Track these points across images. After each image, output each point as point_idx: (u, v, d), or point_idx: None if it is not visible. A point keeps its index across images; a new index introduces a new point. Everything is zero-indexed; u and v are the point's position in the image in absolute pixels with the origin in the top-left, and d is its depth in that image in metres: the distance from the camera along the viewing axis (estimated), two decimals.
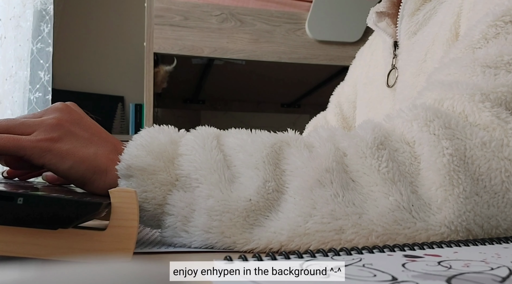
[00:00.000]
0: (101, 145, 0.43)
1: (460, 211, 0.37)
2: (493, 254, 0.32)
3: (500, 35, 0.45)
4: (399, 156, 0.40)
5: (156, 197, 0.40)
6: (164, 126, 0.44)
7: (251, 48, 1.52)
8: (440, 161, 0.38)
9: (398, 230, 0.37)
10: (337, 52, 1.56)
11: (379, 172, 0.38)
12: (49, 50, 1.64)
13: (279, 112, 2.55)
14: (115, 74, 2.48)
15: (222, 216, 0.38)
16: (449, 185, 0.38)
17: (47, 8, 1.65)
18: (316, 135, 0.42)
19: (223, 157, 0.40)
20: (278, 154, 0.41)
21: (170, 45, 1.47)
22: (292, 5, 1.59)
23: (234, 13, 1.52)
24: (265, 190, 0.39)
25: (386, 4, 0.72)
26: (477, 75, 0.43)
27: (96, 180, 0.42)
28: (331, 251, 0.32)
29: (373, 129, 0.41)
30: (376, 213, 0.37)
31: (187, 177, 0.40)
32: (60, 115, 0.44)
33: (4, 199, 0.30)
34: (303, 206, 0.38)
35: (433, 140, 0.39)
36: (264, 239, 0.38)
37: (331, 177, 0.38)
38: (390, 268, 0.27)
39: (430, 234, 0.37)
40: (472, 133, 0.39)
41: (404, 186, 0.38)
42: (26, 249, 0.32)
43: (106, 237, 0.33)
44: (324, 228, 0.37)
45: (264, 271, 0.27)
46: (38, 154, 0.41)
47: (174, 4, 1.49)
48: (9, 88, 1.51)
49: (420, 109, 0.41)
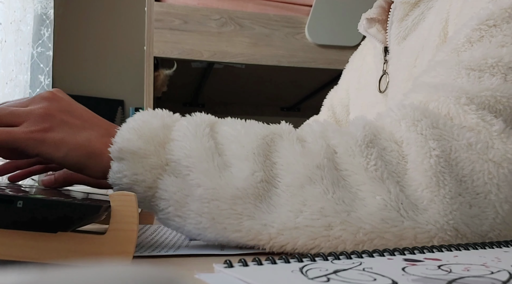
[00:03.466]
0: (94, 130, 0.44)
1: (446, 210, 0.38)
2: (493, 258, 0.32)
3: (484, 38, 0.45)
4: (386, 154, 0.40)
5: (146, 180, 0.40)
6: (159, 110, 0.44)
7: (251, 52, 1.52)
8: (427, 162, 0.39)
9: (386, 228, 0.38)
10: (336, 56, 1.57)
11: (367, 170, 0.39)
12: (49, 54, 1.64)
13: (278, 116, 2.55)
14: (115, 78, 2.48)
15: (210, 203, 0.39)
16: (435, 186, 0.38)
17: (47, 12, 1.65)
18: (309, 129, 0.43)
19: (215, 145, 0.41)
20: (270, 146, 0.41)
21: (169, 49, 1.47)
22: (291, 9, 1.59)
23: (233, 17, 1.53)
24: (253, 179, 0.39)
25: (376, 10, 0.73)
26: (462, 78, 0.44)
27: (92, 164, 0.43)
28: (331, 255, 0.32)
29: (364, 127, 0.42)
30: (364, 212, 0.38)
31: (177, 162, 0.40)
32: (49, 104, 0.44)
33: (4, 202, 0.30)
34: (294, 202, 0.39)
35: (420, 140, 0.40)
36: (254, 230, 0.39)
37: (322, 173, 0.39)
38: (390, 272, 0.27)
39: (417, 232, 0.38)
40: (459, 134, 0.40)
41: (392, 184, 0.39)
42: (26, 253, 0.32)
43: (106, 240, 0.33)
44: (313, 223, 0.38)
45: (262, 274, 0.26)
46: (32, 145, 0.41)
47: (174, 8, 1.49)
48: (9, 92, 1.51)
49: (408, 109, 0.42)
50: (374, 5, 0.74)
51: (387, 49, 0.70)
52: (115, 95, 2.46)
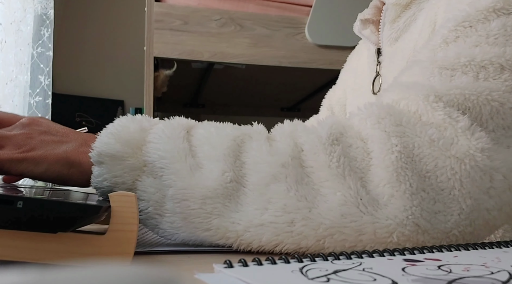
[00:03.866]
0: (71, 142, 0.46)
1: (406, 206, 0.39)
2: (493, 258, 0.32)
3: (459, 38, 0.46)
4: (351, 151, 0.41)
5: (125, 182, 0.42)
6: (138, 116, 0.46)
7: (251, 52, 1.52)
8: (388, 158, 0.40)
9: (345, 223, 0.39)
10: (336, 57, 1.56)
11: (330, 167, 0.40)
12: (49, 54, 1.64)
13: (279, 116, 2.55)
14: (115, 79, 2.48)
15: (181, 203, 0.40)
16: (396, 182, 0.39)
17: (47, 13, 1.65)
18: (279, 129, 0.45)
19: (189, 147, 0.42)
20: (240, 146, 0.43)
21: (170, 50, 1.47)
22: (292, 10, 1.59)
23: (234, 17, 1.53)
24: (223, 179, 0.40)
25: (371, 11, 0.73)
26: (434, 76, 0.45)
27: (74, 174, 0.45)
28: (331, 255, 0.32)
29: (331, 126, 0.43)
30: (325, 208, 0.39)
31: (153, 164, 0.42)
32: (29, 129, 0.46)
33: (4, 203, 0.30)
34: (260, 201, 0.40)
35: (383, 137, 0.41)
36: (223, 228, 0.40)
37: (286, 171, 0.40)
38: (390, 272, 0.27)
39: (376, 226, 0.39)
40: (422, 131, 0.41)
41: (353, 181, 0.40)
42: (26, 253, 0.32)
43: (106, 241, 0.33)
44: (277, 220, 0.39)
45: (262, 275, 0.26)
46: (14, 165, 0.44)
47: (174, 8, 1.49)
48: (9, 93, 1.51)
49: (374, 108, 0.43)
50: (370, 5, 0.74)
51: (379, 50, 0.70)
52: (115, 95, 2.46)
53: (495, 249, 0.36)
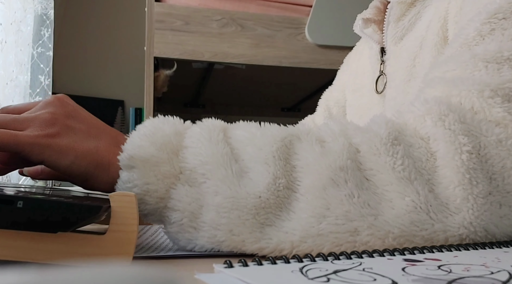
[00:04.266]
0: (101, 137, 0.42)
1: (479, 211, 0.36)
2: (493, 258, 0.31)
3: (495, 31, 0.44)
4: (414, 151, 0.38)
5: (158, 190, 0.38)
6: (169, 117, 0.42)
7: (252, 52, 1.52)
8: (458, 158, 0.37)
9: (415, 232, 0.36)
10: (337, 57, 1.56)
11: (394, 170, 0.37)
12: (50, 54, 1.64)
13: (279, 116, 2.55)
14: (115, 79, 2.48)
15: (230, 213, 0.37)
16: (468, 184, 0.37)
17: (47, 13, 1.65)
18: (327, 129, 0.41)
19: (230, 150, 0.39)
20: (289, 148, 0.39)
21: (170, 50, 1.47)
22: (293, 10, 1.59)
23: (235, 18, 1.53)
24: (275, 187, 0.37)
25: (372, 10, 0.72)
26: (480, 70, 0.42)
27: (99, 175, 0.40)
28: (331, 255, 0.32)
29: (386, 124, 0.40)
30: (392, 215, 0.36)
31: (192, 170, 0.38)
32: (54, 110, 0.41)
33: (3, 202, 0.30)
34: (316, 206, 0.36)
35: (449, 135, 0.38)
36: (275, 238, 0.36)
37: (345, 175, 0.37)
38: (390, 272, 0.27)
39: (448, 235, 0.36)
40: (488, 129, 0.39)
41: (421, 185, 0.37)
42: (26, 253, 0.32)
43: (106, 241, 0.33)
44: (338, 229, 0.36)
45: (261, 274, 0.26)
46: (37, 150, 0.38)
47: (175, 9, 1.49)
48: (10, 93, 1.52)
49: (432, 103, 0.40)
50: (370, 5, 0.74)
51: (383, 49, 0.70)
52: (115, 95, 2.46)
53: (495, 249, 0.36)
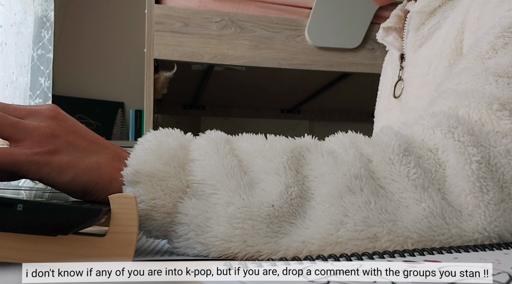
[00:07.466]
0: (102, 153, 0.40)
1: (492, 217, 0.37)
2: (493, 260, 0.31)
3: (508, 45, 0.46)
4: (424, 162, 0.40)
5: (165, 205, 0.37)
6: (170, 130, 0.42)
7: (251, 54, 1.53)
8: (468, 168, 0.38)
9: (433, 237, 0.37)
10: (336, 59, 1.57)
11: (409, 178, 0.38)
12: (50, 56, 1.64)
13: (278, 118, 2.55)
14: (115, 81, 2.49)
15: (244, 224, 0.36)
16: (479, 192, 0.38)
17: (47, 15, 1.65)
18: (336, 141, 0.41)
19: (238, 162, 0.39)
20: (299, 159, 0.39)
21: (170, 52, 1.47)
22: (292, 12, 1.59)
23: (234, 19, 1.53)
24: (288, 195, 0.37)
25: (393, 19, 0.75)
26: (490, 84, 0.44)
27: (98, 190, 0.39)
28: (330, 256, 0.32)
29: (395, 135, 0.41)
30: (410, 220, 0.37)
31: (200, 183, 0.38)
32: (54, 124, 0.39)
33: (3, 205, 0.30)
34: (334, 214, 0.36)
35: (458, 147, 0.39)
36: (293, 249, 0.36)
37: (360, 183, 0.37)
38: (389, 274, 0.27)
39: (464, 240, 0.37)
40: (496, 140, 0.40)
41: (434, 192, 0.38)
42: (25, 255, 0.32)
43: (106, 243, 0.33)
44: (357, 236, 0.36)
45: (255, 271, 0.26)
46: (35, 169, 0.37)
47: (174, 10, 1.50)
48: (10, 94, 1.52)
49: (441, 116, 0.42)
50: (391, 14, 0.76)
51: (403, 56, 0.72)
52: (115, 97, 2.46)
53: (495, 251, 0.36)
